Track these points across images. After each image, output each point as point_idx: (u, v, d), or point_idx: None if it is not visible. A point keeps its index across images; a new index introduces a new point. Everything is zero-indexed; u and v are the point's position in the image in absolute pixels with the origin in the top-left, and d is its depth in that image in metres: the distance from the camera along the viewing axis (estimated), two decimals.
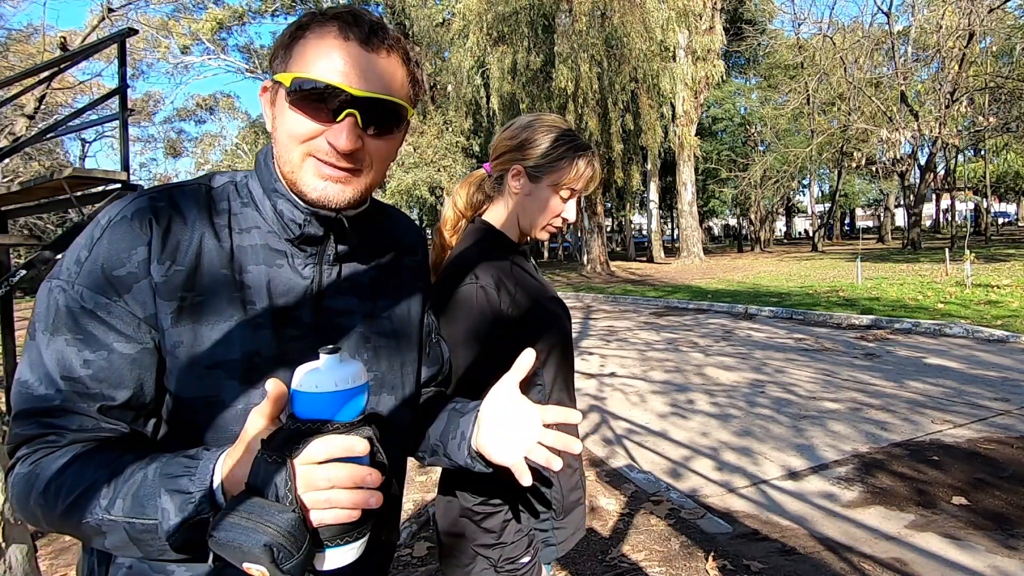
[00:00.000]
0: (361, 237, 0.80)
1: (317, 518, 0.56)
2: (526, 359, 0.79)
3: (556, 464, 0.75)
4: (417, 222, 1.08)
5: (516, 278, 1.12)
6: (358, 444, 0.57)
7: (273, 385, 0.58)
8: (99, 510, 0.60)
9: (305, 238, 0.74)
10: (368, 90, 0.68)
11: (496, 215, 1.20)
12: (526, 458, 0.76)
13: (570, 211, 1.16)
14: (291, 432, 0.56)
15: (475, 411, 0.83)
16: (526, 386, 1.13)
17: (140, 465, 0.61)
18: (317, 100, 0.67)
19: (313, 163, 0.70)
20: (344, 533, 0.58)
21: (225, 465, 0.59)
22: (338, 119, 0.68)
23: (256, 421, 0.58)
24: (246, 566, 0.52)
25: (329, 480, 0.55)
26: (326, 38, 0.68)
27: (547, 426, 0.77)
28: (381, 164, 0.75)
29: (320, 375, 0.57)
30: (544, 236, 1.19)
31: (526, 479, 0.76)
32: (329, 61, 0.67)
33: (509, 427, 0.78)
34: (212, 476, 0.59)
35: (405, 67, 0.73)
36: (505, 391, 0.79)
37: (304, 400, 0.57)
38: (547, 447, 0.76)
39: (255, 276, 0.72)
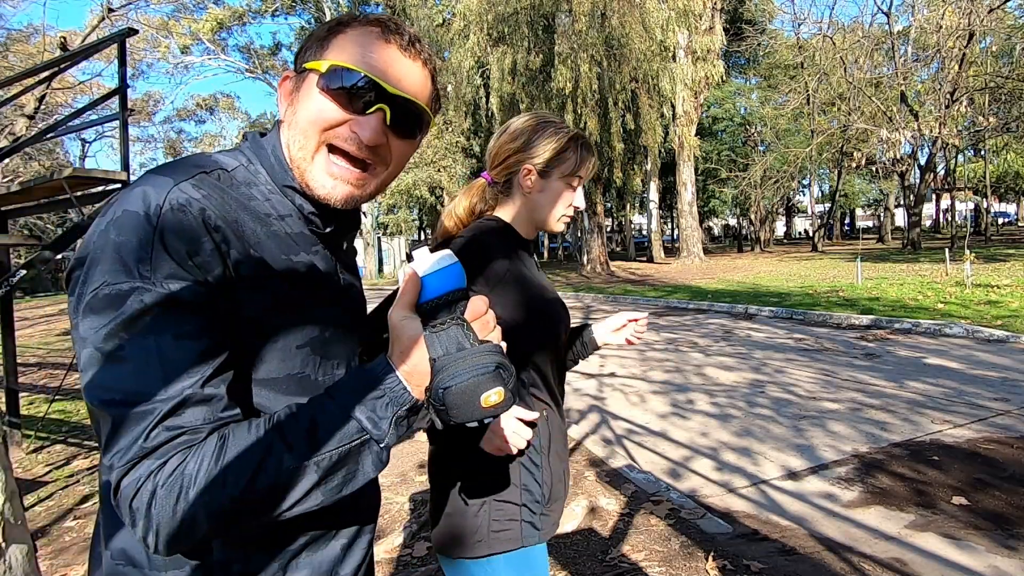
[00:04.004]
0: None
1: None
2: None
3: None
4: (417, 222, 1.11)
5: (512, 270, 1.17)
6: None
7: (411, 274, 0.66)
8: (288, 460, 0.58)
9: (325, 230, 0.77)
10: (402, 90, 0.70)
11: (506, 214, 1.25)
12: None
13: (579, 199, 1.25)
14: (446, 303, 0.65)
15: None
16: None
17: (302, 410, 0.62)
18: (350, 89, 0.68)
19: (325, 158, 0.71)
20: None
21: (394, 360, 0.63)
22: (368, 111, 0.69)
23: (400, 314, 0.65)
24: (484, 396, 0.60)
25: (493, 322, 0.67)
26: (368, 35, 0.70)
27: None
28: (396, 166, 0.76)
29: (438, 259, 0.67)
30: (561, 227, 1.27)
31: None
32: (369, 55, 0.69)
33: None
34: (394, 371, 0.63)
35: (432, 82, 0.76)
36: None
37: (436, 279, 0.66)
38: None
39: (307, 261, 0.75)
